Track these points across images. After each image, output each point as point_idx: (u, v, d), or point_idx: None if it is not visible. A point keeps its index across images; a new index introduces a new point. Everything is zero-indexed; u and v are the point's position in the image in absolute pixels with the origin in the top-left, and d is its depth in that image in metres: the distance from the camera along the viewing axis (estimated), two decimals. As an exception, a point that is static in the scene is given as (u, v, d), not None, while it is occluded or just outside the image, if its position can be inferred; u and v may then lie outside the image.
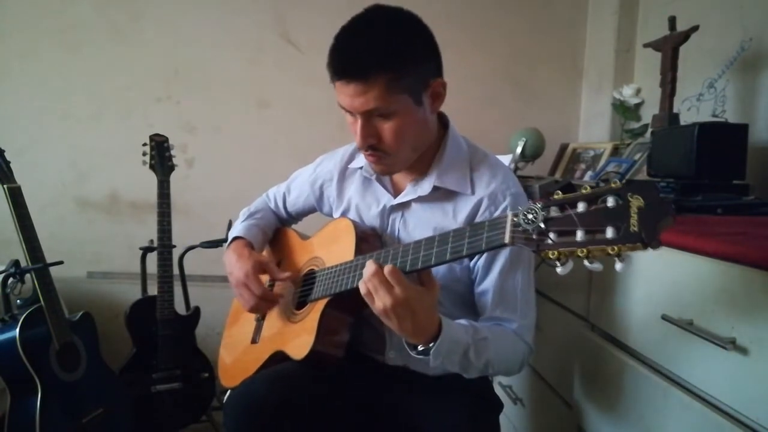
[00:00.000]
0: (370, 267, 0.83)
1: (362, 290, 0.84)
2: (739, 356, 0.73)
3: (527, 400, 1.47)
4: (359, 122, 0.93)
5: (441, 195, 1.03)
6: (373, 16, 0.93)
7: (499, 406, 1.12)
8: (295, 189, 1.30)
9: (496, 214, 0.98)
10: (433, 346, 0.85)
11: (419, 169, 1.04)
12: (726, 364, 0.75)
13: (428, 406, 1.02)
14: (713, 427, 0.77)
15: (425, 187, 1.03)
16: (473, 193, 1.01)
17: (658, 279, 0.92)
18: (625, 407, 0.98)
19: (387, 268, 0.81)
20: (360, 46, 0.90)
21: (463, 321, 0.93)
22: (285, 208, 1.33)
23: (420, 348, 0.87)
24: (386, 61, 0.88)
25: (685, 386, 0.85)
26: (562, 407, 1.25)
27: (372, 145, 0.95)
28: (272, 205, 1.35)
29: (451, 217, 1.02)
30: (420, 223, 1.04)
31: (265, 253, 1.29)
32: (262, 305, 1.10)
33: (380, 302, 0.81)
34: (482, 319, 1.00)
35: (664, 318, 0.85)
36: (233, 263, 1.13)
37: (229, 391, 1.08)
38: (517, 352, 0.98)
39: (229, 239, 1.22)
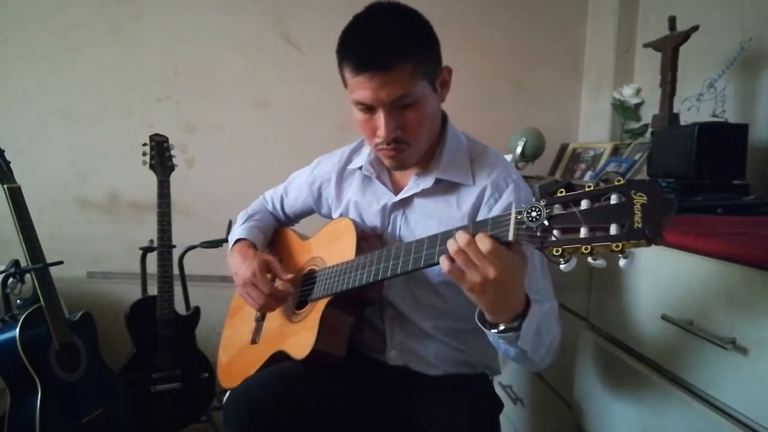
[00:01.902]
0: (462, 238, 0.74)
1: (445, 267, 0.75)
2: (739, 356, 0.73)
3: (527, 400, 1.47)
4: (382, 115, 0.93)
5: (443, 188, 1.04)
6: (378, 11, 0.94)
7: (499, 406, 1.12)
8: (292, 191, 1.30)
9: (500, 200, 0.99)
10: (521, 321, 0.80)
11: (421, 163, 1.05)
12: (726, 364, 0.75)
13: (429, 405, 1.02)
14: (713, 427, 0.77)
15: (428, 180, 1.03)
16: (475, 183, 1.02)
17: (658, 279, 0.92)
18: (625, 407, 0.99)
19: (485, 244, 0.72)
20: (379, 39, 0.91)
21: None
22: (283, 210, 1.33)
23: (502, 327, 0.81)
24: (407, 49, 0.90)
25: (685, 386, 0.85)
26: (562, 407, 1.25)
27: (396, 137, 0.95)
28: (270, 207, 1.35)
29: (456, 208, 1.02)
30: (422, 219, 1.05)
31: (265, 253, 1.29)
32: (271, 302, 1.09)
33: (476, 276, 0.73)
34: None
35: (664, 318, 0.85)
36: (239, 263, 1.13)
37: (229, 392, 1.08)
38: (558, 331, 0.95)
39: (231, 242, 1.22)
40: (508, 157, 1.80)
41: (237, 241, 1.21)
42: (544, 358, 0.91)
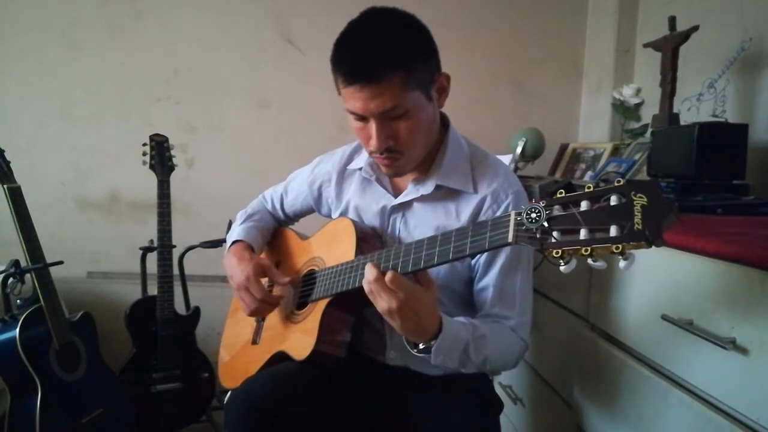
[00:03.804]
0: (371, 272, 0.83)
1: (366, 291, 0.85)
2: (739, 356, 0.73)
3: (527, 400, 1.47)
4: (374, 125, 0.92)
5: (443, 194, 1.03)
6: (372, 18, 0.93)
7: (499, 406, 1.12)
8: (292, 190, 1.30)
9: (499, 212, 0.99)
10: (434, 344, 0.86)
11: (421, 168, 1.05)
12: (726, 364, 0.75)
13: (429, 406, 1.02)
14: (713, 427, 0.77)
15: (428, 186, 1.03)
16: (476, 191, 1.02)
17: (658, 279, 0.92)
18: (625, 407, 0.99)
19: (387, 275, 0.82)
20: (369, 49, 0.89)
21: (461, 318, 0.94)
22: (282, 209, 1.32)
23: (421, 346, 0.88)
24: (397, 60, 0.88)
25: (685, 386, 0.85)
26: (562, 407, 1.25)
27: (388, 147, 0.95)
28: (269, 207, 1.34)
29: (454, 216, 1.02)
30: (421, 223, 1.04)
31: (264, 254, 1.29)
32: (263, 309, 1.10)
33: (384, 305, 0.83)
34: (480, 316, 1.01)
35: (664, 318, 0.85)
36: (234, 266, 1.13)
37: (230, 392, 1.08)
38: (513, 348, 0.99)
39: (228, 242, 1.22)
40: (508, 158, 1.80)
41: (234, 242, 1.20)
42: (482, 369, 0.96)
